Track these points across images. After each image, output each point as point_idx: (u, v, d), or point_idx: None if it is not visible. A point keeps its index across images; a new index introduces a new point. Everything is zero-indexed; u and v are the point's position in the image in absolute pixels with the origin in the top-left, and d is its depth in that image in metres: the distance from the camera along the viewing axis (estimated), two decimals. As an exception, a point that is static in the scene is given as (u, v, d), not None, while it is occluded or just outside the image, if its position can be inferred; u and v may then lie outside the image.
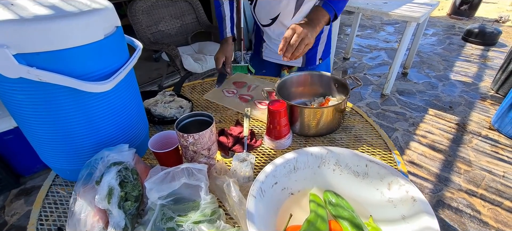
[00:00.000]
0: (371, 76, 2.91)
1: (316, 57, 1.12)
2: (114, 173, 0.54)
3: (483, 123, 2.17)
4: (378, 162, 0.56)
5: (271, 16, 1.01)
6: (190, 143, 0.58)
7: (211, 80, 1.12)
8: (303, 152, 0.60)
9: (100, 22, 0.52)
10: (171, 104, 0.90)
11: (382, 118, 2.25)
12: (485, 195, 1.59)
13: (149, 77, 2.50)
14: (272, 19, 1.02)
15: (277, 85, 0.83)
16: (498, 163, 1.80)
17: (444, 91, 2.60)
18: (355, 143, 0.79)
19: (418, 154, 1.88)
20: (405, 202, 0.50)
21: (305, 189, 0.62)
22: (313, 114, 0.76)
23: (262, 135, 0.82)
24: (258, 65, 1.19)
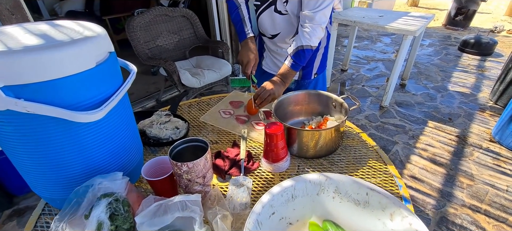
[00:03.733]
0: (369, 88, 2.90)
1: (312, 72, 1.12)
2: (104, 206, 0.51)
3: (483, 135, 2.16)
4: (379, 190, 0.54)
5: (272, 33, 1.02)
6: (184, 171, 0.56)
7: (207, 99, 1.10)
8: (301, 179, 0.58)
9: (92, 50, 0.51)
10: (167, 125, 0.88)
11: (381, 131, 2.24)
12: (489, 210, 1.56)
13: (147, 91, 2.50)
14: (272, 35, 1.03)
15: (274, 105, 0.82)
16: (501, 177, 1.77)
17: (443, 103, 2.59)
18: (355, 164, 0.77)
19: (419, 168, 1.86)
20: (409, 235, 0.48)
21: (304, 219, 0.59)
22: (311, 136, 0.74)
23: (260, 156, 0.80)
24: (260, 76, 1.19)
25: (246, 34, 0.98)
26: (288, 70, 0.92)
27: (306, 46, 0.88)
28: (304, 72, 1.11)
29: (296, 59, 0.90)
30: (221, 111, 1.00)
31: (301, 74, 1.12)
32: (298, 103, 0.91)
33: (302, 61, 0.90)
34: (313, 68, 1.11)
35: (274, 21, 0.99)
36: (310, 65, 1.10)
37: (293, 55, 0.90)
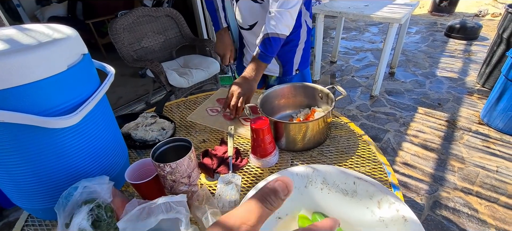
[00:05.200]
0: (359, 78, 2.92)
1: (293, 68, 1.10)
2: (84, 213, 0.50)
3: (472, 117, 2.19)
4: (366, 178, 0.53)
5: (250, 22, 1.01)
6: (168, 172, 0.54)
7: (194, 97, 1.08)
8: (288, 173, 0.57)
9: (63, 53, 0.49)
10: (153, 127, 0.86)
11: (372, 120, 2.25)
12: (481, 192, 1.59)
13: (135, 94, 2.46)
14: (250, 26, 1.01)
15: (259, 100, 0.81)
16: (491, 158, 1.81)
17: (432, 89, 2.63)
18: (344, 155, 0.77)
19: (411, 155, 1.88)
20: (396, 222, 0.48)
21: (293, 212, 0.59)
22: (298, 129, 0.73)
23: (248, 152, 0.79)
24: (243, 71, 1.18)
25: (219, 25, 0.97)
26: (256, 61, 0.90)
27: (272, 34, 0.85)
28: (284, 69, 1.09)
29: (263, 49, 0.87)
30: (208, 109, 0.99)
31: (282, 71, 1.10)
32: (284, 97, 0.90)
33: (270, 51, 0.87)
34: (293, 64, 1.09)
35: (250, 10, 0.97)
36: (290, 61, 1.08)
37: (260, 45, 0.88)
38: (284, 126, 0.74)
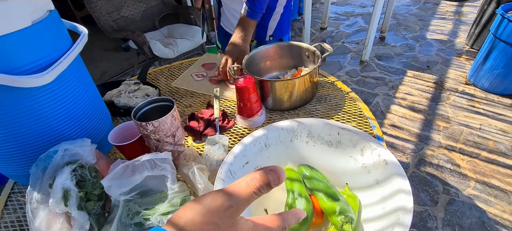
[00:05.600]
0: (349, 44, 2.88)
1: (266, 33, 1.04)
2: (67, 173, 0.49)
3: (459, 79, 2.22)
4: (349, 128, 0.54)
5: None
6: (151, 131, 0.54)
7: (179, 64, 1.05)
8: (273, 128, 0.57)
9: (25, 7, 0.45)
10: (136, 93, 0.84)
11: (362, 84, 2.26)
12: (464, 148, 1.65)
13: (120, 68, 2.38)
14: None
15: (244, 61, 0.79)
16: (474, 116, 1.86)
17: (421, 52, 2.62)
18: (331, 111, 0.77)
19: (399, 117, 1.91)
20: (378, 166, 0.49)
21: (279, 166, 0.59)
22: (285, 87, 0.73)
23: (235, 114, 0.78)
24: (223, 38, 1.13)
25: None
26: (244, 19, 0.86)
27: None
28: (256, 30, 0.99)
29: (251, 5, 0.84)
30: (193, 75, 0.96)
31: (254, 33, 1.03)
32: (270, 58, 0.88)
33: (258, 6, 0.84)
34: (267, 28, 1.02)
35: None
36: (264, 24, 1.01)
37: (247, 1, 0.84)
38: (270, 84, 0.73)
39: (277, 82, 0.72)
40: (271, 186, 0.24)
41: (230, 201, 0.23)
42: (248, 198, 0.24)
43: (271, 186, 0.24)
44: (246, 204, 0.24)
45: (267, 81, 0.73)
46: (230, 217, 0.23)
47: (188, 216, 0.22)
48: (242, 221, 0.24)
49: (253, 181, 0.24)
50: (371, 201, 0.48)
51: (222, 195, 0.23)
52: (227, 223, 0.23)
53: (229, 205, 0.23)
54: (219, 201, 0.23)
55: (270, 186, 0.24)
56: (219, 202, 0.23)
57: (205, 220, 0.22)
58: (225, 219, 0.22)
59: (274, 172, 0.24)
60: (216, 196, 0.23)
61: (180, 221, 0.22)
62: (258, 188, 0.24)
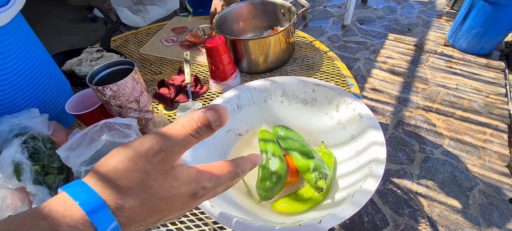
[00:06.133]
0: (330, 8, 2.81)
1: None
2: (16, 145, 0.44)
3: (439, 40, 2.24)
4: (324, 84, 0.51)
5: None
6: (110, 97, 0.49)
7: (146, 29, 0.97)
8: (245, 88, 0.54)
9: None
10: (100, 62, 0.77)
11: (344, 49, 2.23)
12: (440, 108, 1.70)
13: (89, 41, 2.21)
14: None
15: (215, 21, 0.73)
16: (451, 77, 1.90)
17: (403, 14, 2.60)
18: (308, 71, 0.74)
19: (379, 80, 1.93)
20: (353, 121, 0.47)
21: (254, 128, 0.57)
22: (259, 47, 0.68)
23: (208, 79, 0.74)
24: (195, 2, 1.05)
25: None
26: None
27: None
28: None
29: None
30: (163, 40, 0.89)
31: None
32: (243, 18, 0.82)
33: None
34: None
35: None
36: None
37: None
38: (243, 44, 0.68)
39: (251, 41, 0.67)
40: (212, 128, 0.21)
41: (161, 144, 0.19)
42: (183, 141, 0.20)
43: (212, 127, 0.21)
44: (181, 148, 0.20)
45: (240, 41, 0.68)
46: (162, 162, 0.19)
47: (111, 164, 0.19)
48: (179, 169, 0.21)
49: (190, 122, 0.20)
50: (346, 156, 0.47)
51: (153, 137, 0.20)
52: (158, 170, 0.19)
53: (160, 148, 0.19)
54: (147, 144, 0.19)
55: (211, 128, 0.21)
56: (148, 145, 0.19)
57: (130, 167, 0.19)
58: (155, 165, 0.19)
59: (215, 111, 0.21)
60: (145, 139, 0.20)
61: (101, 170, 0.19)
62: (196, 130, 0.20)
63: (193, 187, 0.21)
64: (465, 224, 1.20)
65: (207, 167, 0.23)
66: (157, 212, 0.20)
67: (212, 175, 0.22)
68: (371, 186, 0.36)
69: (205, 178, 0.22)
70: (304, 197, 0.44)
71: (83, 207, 0.17)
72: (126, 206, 0.18)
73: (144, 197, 0.19)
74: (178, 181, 0.20)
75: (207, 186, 0.22)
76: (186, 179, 0.21)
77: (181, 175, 0.21)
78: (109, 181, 0.18)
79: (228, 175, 0.23)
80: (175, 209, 0.21)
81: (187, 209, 0.22)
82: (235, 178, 0.24)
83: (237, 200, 0.45)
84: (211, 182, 0.22)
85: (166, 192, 0.20)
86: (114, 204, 0.18)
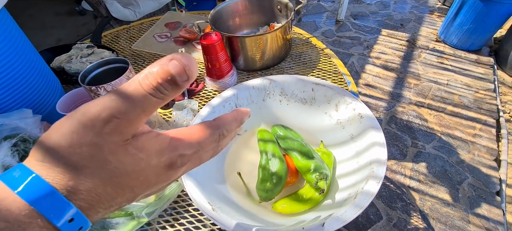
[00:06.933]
0: (324, 2, 2.80)
1: None
2: (6, 148, 0.43)
3: (430, 36, 2.26)
4: (324, 83, 0.51)
5: None
6: (104, 98, 0.47)
7: (138, 24, 0.94)
8: (244, 87, 0.53)
9: None
10: (91, 58, 0.75)
11: (338, 45, 2.24)
12: (432, 104, 1.73)
13: (77, 35, 2.14)
14: None
15: (210, 17, 0.71)
16: (443, 73, 1.93)
17: (396, 10, 2.62)
18: (306, 69, 0.74)
19: (373, 76, 1.94)
20: (353, 121, 0.47)
21: (252, 128, 0.56)
22: (256, 44, 0.67)
23: (204, 77, 0.72)
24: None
25: None
26: None
27: None
28: None
29: None
30: (156, 35, 0.87)
31: None
32: (239, 14, 0.80)
33: None
34: None
35: None
36: None
37: None
38: (240, 41, 0.67)
39: (248, 38, 0.66)
40: (177, 83, 0.16)
41: (112, 109, 0.15)
42: (141, 103, 0.16)
43: (177, 83, 0.16)
44: (140, 112, 0.16)
45: (237, 38, 0.66)
46: (116, 132, 0.15)
47: (53, 140, 0.15)
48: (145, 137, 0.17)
49: (148, 77, 0.16)
50: (346, 156, 0.47)
51: (101, 102, 0.15)
52: (113, 142, 0.15)
53: (110, 114, 0.15)
54: (93, 110, 0.15)
55: (176, 83, 0.16)
56: (94, 112, 0.15)
57: (75, 141, 0.15)
58: (107, 136, 0.15)
59: (177, 60, 0.16)
60: (91, 104, 0.15)
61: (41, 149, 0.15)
62: (156, 87, 0.15)
63: (167, 157, 0.18)
64: (455, 216, 1.23)
65: (184, 131, 0.19)
66: (127, 189, 0.17)
67: (191, 140, 0.19)
68: (373, 187, 0.35)
69: (182, 144, 0.18)
70: (304, 198, 0.44)
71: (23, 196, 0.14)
72: (82, 188, 0.15)
73: (104, 174, 0.15)
74: (144, 152, 0.17)
75: (186, 153, 0.18)
76: (155, 148, 0.17)
77: (148, 144, 0.17)
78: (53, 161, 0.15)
79: (211, 137, 0.19)
80: (149, 184, 0.18)
81: (167, 181, 0.19)
82: (221, 139, 0.20)
83: (237, 201, 0.45)
84: (192, 148, 0.19)
85: (131, 166, 0.16)
86: (65, 187, 0.14)
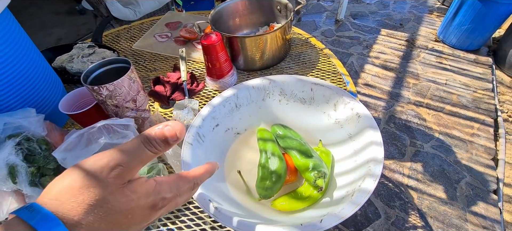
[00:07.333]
0: (324, 2, 2.80)
1: None
2: (10, 147, 0.43)
3: (429, 36, 2.27)
4: (322, 83, 0.52)
5: None
6: (107, 96, 0.48)
7: (138, 24, 0.95)
8: (244, 87, 0.54)
9: None
10: (92, 58, 0.75)
11: (337, 44, 2.25)
12: (430, 103, 1.74)
13: (77, 34, 2.14)
14: None
15: (211, 17, 0.72)
16: (441, 72, 1.94)
17: (395, 9, 2.62)
18: (305, 69, 0.74)
19: (372, 75, 1.95)
20: (351, 120, 0.48)
21: (252, 127, 0.57)
22: (256, 44, 0.68)
23: (205, 76, 0.73)
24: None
25: None
26: None
27: None
28: None
29: None
30: (156, 35, 0.88)
31: None
32: (239, 15, 0.81)
33: None
34: None
35: None
36: None
37: None
38: (240, 41, 0.67)
39: (248, 38, 0.67)
40: (169, 143, 0.22)
41: (118, 159, 0.20)
42: (140, 156, 0.21)
43: (169, 142, 0.22)
44: (139, 162, 0.21)
45: (237, 38, 0.67)
46: (118, 177, 0.20)
47: (66, 182, 0.19)
48: (137, 182, 0.21)
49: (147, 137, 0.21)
50: (344, 155, 0.48)
51: (109, 153, 0.20)
52: (114, 184, 0.19)
53: (117, 163, 0.20)
54: (104, 160, 0.20)
55: (168, 143, 0.22)
56: (104, 162, 0.19)
57: (85, 184, 0.18)
58: (112, 180, 0.19)
59: (171, 127, 0.22)
60: (101, 155, 0.20)
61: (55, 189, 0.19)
62: (153, 145, 0.21)
63: (152, 199, 0.22)
64: (453, 215, 1.25)
65: (166, 179, 0.23)
66: (116, 226, 0.20)
67: (172, 186, 0.23)
68: (369, 185, 0.36)
69: (164, 189, 0.22)
70: (303, 195, 0.45)
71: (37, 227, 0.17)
72: (83, 223, 0.18)
73: (102, 212, 0.19)
74: (136, 194, 0.21)
75: (167, 196, 0.23)
76: (144, 191, 0.21)
77: (139, 188, 0.21)
78: (64, 198, 0.18)
79: (187, 185, 0.24)
80: (135, 222, 0.21)
81: (148, 221, 0.23)
82: (194, 188, 0.25)
83: (237, 198, 0.45)
84: (171, 192, 0.23)
85: (124, 205, 0.20)
86: (70, 222, 0.18)
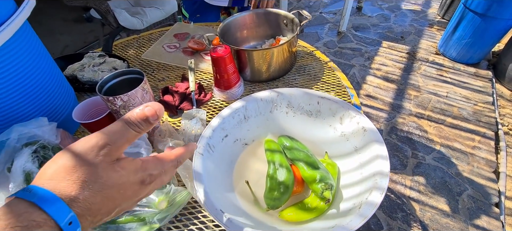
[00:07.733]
0: (326, 14, 2.86)
1: None
2: (27, 154, 0.45)
3: (430, 49, 2.30)
4: (329, 97, 0.53)
5: None
6: (120, 106, 0.49)
7: (148, 34, 0.97)
8: (252, 99, 0.55)
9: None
10: (103, 67, 0.77)
11: (339, 56, 2.28)
12: (431, 115, 1.75)
13: (84, 42, 2.17)
14: None
15: (219, 30, 0.74)
16: (442, 85, 1.96)
17: (396, 22, 2.67)
18: (310, 82, 0.76)
19: (373, 87, 1.97)
20: (357, 134, 0.49)
21: (259, 138, 0.59)
22: (263, 57, 0.70)
23: (212, 87, 0.75)
24: (192, 7, 1.06)
25: None
26: None
27: None
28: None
29: None
30: (165, 46, 0.90)
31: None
32: (247, 27, 0.83)
33: None
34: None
35: None
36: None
37: None
38: (247, 54, 0.70)
39: (255, 51, 0.69)
40: (150, 122, 0.24)
41: (106, 139, 0.22)
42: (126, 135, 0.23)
43: (150, 121, 0.24)
44: (125, 141, 0.23)
45: (245, 51, 0.69)
46: (108, 155, 0.22)
47: (59, 163, 0.20)
48: (125, 160, 0.23)
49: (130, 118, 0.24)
50: (350, 167, 0.49)
51: (97, 134, 0.22)
52: (105, 161, 0.21)
53: (105, 143, 0.22)
54: (93, 140, 0.21)
55: (149, 122, 0.24)
56: (94, 142, 0.21)
57: (78, 162, 0.20)
58: (102, 157, 0.21)
59: (151, 107, 0.24)
60: (89, 137, 0.22)
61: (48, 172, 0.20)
62: (136, 124, 0.23)
63: (140, 175, 0.24)
64: (455, 227, 1.24)
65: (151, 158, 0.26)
66: (111, 200, 0.22)
67: (157, 164, 0.26)
68: (376, 198, 0.37)
69: (150, 166, 0.25)
70: (310, 206, 0.46)
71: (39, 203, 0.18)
72: (80, 197, 0.20)
73: (96, 187, 0.20)
74: (125, 170, 0.23)
75: (154, 173, 0.25)
76: (132, 168, 0.23)
77: (127, 164, 0.23)
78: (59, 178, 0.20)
79: (171, 163, 0.27)
80: (127, 197, 0.23)
81: (138, 196, 0.25)
82: (177, 166, 0.28)
83: (245, 209, 0.46)
84: (156, 169, 0.25)
85: (116, 180, 0.22)
86: (68, 197, 0.19)
